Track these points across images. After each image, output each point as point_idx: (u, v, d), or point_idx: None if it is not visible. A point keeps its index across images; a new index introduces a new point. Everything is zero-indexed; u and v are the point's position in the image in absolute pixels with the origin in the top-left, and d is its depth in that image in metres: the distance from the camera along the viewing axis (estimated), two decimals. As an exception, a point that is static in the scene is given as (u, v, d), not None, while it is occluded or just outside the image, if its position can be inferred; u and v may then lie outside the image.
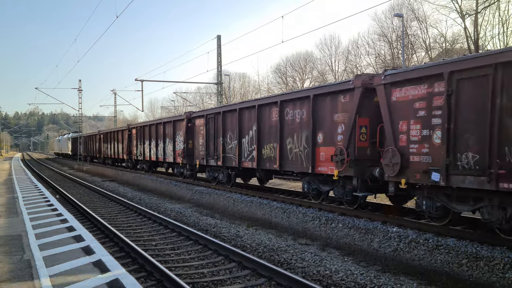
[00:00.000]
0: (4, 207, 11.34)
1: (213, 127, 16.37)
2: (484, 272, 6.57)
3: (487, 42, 34.74)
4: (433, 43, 40.43)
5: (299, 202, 12.10)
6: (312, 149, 11.02)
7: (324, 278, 6.84)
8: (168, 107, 74.04)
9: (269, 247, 8.69)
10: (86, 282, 5.05)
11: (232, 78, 60.88)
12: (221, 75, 34.98)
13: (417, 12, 40.31)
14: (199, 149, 17.62)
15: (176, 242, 9.43)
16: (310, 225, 10.28)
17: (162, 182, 20.64)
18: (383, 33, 44.03)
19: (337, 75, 50.99)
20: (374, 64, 45.82)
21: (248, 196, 13.99)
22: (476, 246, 7.14)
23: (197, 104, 64.13)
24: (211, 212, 13.61)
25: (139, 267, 7.38)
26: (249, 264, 7.30)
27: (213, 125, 16.42)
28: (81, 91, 42.17)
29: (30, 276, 5.28)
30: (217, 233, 10.23)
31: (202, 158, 17.20)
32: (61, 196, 17.59)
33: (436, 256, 7.31)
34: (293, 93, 12.36)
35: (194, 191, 16.78)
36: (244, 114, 14.50)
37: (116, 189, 21.36)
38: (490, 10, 33.38)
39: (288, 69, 58.00)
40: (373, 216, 9.78)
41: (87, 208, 13.46)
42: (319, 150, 10.90)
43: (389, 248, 8.13)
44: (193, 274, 7.09)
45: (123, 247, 8.64)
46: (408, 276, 6.99)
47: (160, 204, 15.45)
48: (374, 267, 7.55)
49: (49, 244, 7.04)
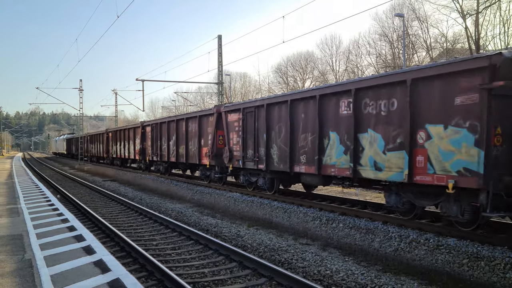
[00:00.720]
0: (5, 207, 11.35)
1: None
2: (485, 272, 6.57)
3: (488, 42, 34.73)
4: (434, 43, 40.43)
5: (299, 202, 12.09)
6: (198, 149, 17.65)
7: (325, 278, 6.84)
8: (169, 107, 74.11)
9: (270, 247, 8.69)
10: (87, 281, 5.05)
11: (233, 78, 60.96)
12: (222, 75, 34.98)
13: (418, 12, 40.34)
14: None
15: (177, 242, 9.43)
16: (311, 225, 10.28)
17: (162, 182, 20.63)
18: (384, 33, 44.05)
19: (338, 75, 51.01)
20: (375, 64, 45.85)
21: (249, 196, 13.98)
22: (477, 246, 7.13)
23: (198, 104, 64.20)
24: (212, 212, 13.62)
25: (140, 266, 7.39)
26: (250, 264, 7.30)
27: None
28: (82, 91, 42.27)
29: (31, 276, 5.29)
30: (218, 233, 10.24)
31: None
32: (62, 196, 17.61)
33: (437, 256, 7.31)
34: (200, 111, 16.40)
35: (195, 191, 16.78)
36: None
37: (117, 189, 21.38)
38: (491, 10, 33.39)
39: (289, 69, 58.08)
40: (374, 216, 9.80)
41: (88, 208, 13.48)
42: (203, 150, 17.35)
43: (390, 248, 8.13)
44: (194, 273, 7.09)
45: (124, 247, 8.65)
46: (409, 276, 6.98)
47: (161, 204, 15.46)
48: (375, 267, 7.54)
49: (50, 243, 7.05)
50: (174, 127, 20.28)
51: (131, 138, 27.58)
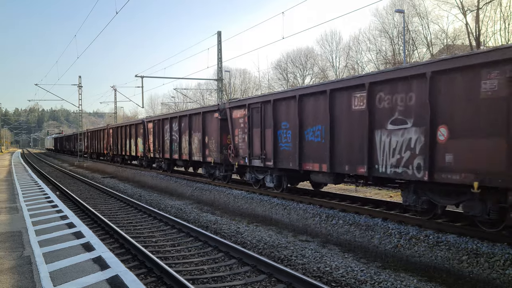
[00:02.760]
0: (5, 204, 11.34)
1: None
2: (485, 268, 6.56)
3: (488, 38, 34.67)
4: (435, 39, 40.36)
5: (299, 199, 12.08)
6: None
7: (325, 274, 6.84)
8: (168, 103, 74.00)
9: (269, 244, 8.69)
10: (86, 278, 5.04)
11: (233, 74, 60.88)
12: (222, 71, 34.91)
13: (418, 8, 40.28)
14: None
15: (176, 239, 9.42)
16: (311, 222, 10.27)
17: (162, 179, 20.62)
18: (384, 29, 43.98)
19: (338, 71, 50.94)
20: (375, 60, 45.79)
21: (249, 193, 13.97)
22: (477, 243, 7.13)
23: (197, 100, 64.12)
24: (211, 209, 13.61)
25: (139, 263, 7.38)
26: (249, 260, 7.30)
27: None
28: (81, 87, 42.16)
29: (30, 273, 5.27)
30: (218, 229, 10.23)
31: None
32: (62, 193, 17.60)
33: (437, 253, 7.31)
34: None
35: (194, 188, 16.77)
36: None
37: (116, 185, 21.37)
38: (492, 6, 33.31)
39: (288, 65, 57.99)
40: (373, 213, 9.78)
41: (87, 205, 13.47)
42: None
43: (390, 244, 8.12)
44: (193, 270, 7.08)
45: (123, 243, 8.64)
46: (408, 273, 6.98)
47: (160, 200, 15.45)
48: (375, 263, 7.54)
49: (49, 240, 7.04)
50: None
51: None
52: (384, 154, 8.86)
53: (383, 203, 11.02)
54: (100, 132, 37.52)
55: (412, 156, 8.21)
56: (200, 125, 17.45)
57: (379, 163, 8.97)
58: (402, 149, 8.44)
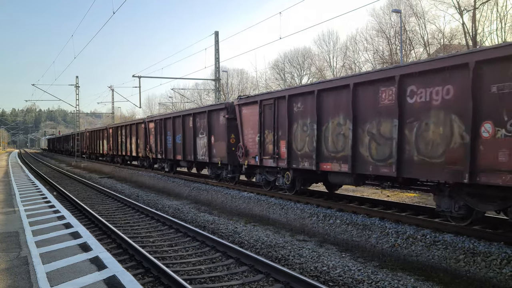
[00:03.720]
0: (1, 204, 11.30)
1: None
2: (481, 267, 6.59)
3: (485, 38, 34.78)
4: (431, 39, 40.46)
5: (296, 198, 12.09)
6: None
7: (322, 274, 6.85)
8: (165, 103, 73.89)
9: (266, 244, 8.69)
10: (83, 279, 5.03)
11: (230, 74, 60.83)
12: (219, 72, 34.89)
13: (415, 7, 40.36)
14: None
15: (173, 239, 9.42)
16: (308, 221, 10.29)
17: (160, 179, 20.59)
18: (381, 29, 44.04)
19: (336, 71, 51.00)
20: (372, 60, 45.87)
21: (247, 193, 13.96)
22: (474, 242, 7.15)
23: (195, 100, 64.04)
24: (209, 209, 13.60)
25: (137, 263, 7.37)
26: (246, 260, 7.30)
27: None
28: (78, 87, 42.03)
29: (26, 273, 5.26)
30: (215, 229, 10.23)
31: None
32: (59, 193, 17.55)
33: (434, 252, 7.33)
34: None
35: (192, 188, 16.75)
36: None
37: (113, 186, 21.33)
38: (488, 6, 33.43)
39: (286, 65, 58.03)
40: (371, 212, 9.79)
41: (84, 205, 13.44)
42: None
43: (387, 244, 8.14)
44: (191, 270, 7.08)
45: (121, 244, 8.63)
46: (406, 272, 7.00)
47: (158, 200, 15.43)
48: (372, 263, 7.56)
49: (46, 241, 7.02)
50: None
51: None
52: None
53: (380, 202, 11.06)
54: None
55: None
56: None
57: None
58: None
